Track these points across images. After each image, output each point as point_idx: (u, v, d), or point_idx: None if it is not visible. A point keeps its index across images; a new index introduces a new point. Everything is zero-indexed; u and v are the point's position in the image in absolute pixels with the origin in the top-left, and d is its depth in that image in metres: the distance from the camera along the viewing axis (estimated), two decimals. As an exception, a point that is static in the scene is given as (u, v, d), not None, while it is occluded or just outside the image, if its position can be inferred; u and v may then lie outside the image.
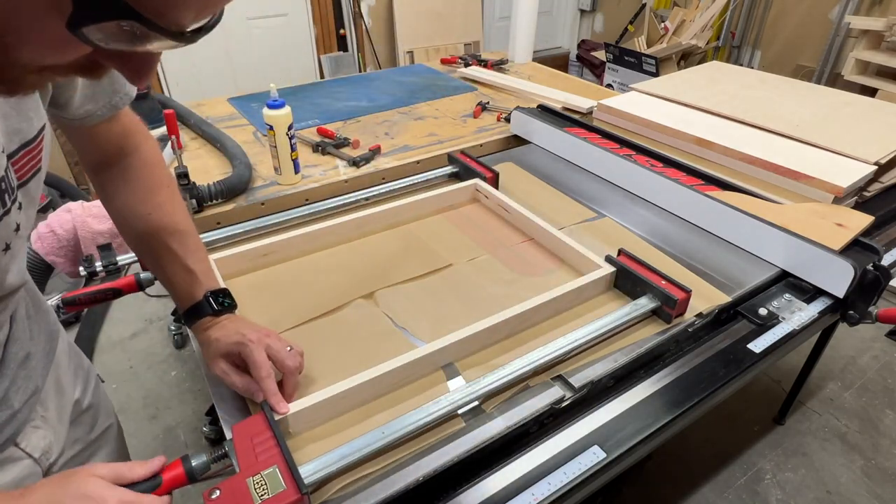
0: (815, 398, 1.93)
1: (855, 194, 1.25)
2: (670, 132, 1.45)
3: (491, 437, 0.74)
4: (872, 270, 0.99)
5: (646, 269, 0.96)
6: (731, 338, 0.95)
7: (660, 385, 0.86)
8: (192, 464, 0.63)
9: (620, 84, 3.87)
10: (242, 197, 1.30)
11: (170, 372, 2.09)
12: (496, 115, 1.76)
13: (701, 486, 1.64)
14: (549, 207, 1.25)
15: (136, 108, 0.77)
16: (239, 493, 0.61)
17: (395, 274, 1.04)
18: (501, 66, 2.20)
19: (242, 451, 0.65)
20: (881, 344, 2.16)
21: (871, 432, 1.80)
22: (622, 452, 0.76)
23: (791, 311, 1.00)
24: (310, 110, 1.79)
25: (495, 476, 0.73)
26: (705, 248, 1.14)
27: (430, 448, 0.73)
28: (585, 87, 2.06)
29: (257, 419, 0.69)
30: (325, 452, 0.69)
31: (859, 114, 1.47)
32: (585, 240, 1.11)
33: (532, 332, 0.91)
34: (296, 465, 0.63)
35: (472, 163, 1.35)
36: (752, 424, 1.84)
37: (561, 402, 0.79)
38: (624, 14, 4.42)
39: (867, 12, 3.08)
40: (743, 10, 3.68)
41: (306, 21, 3.51)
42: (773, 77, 1.75)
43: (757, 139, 1.37)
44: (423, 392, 0.80)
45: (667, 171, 1.31)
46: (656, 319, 0.94)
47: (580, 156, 1.45)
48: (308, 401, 0.73)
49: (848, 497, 1.61)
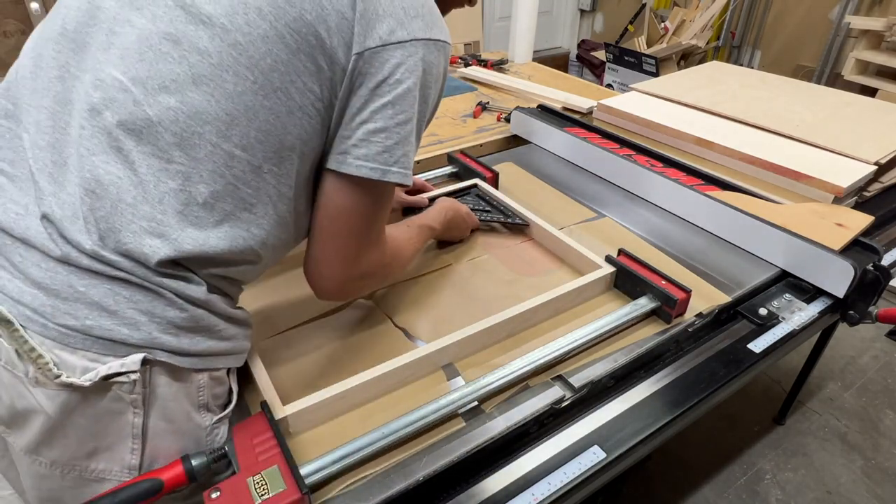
0: (815, 398, 1.93)
1: (855, 194, 1.25)
2: (670, 132, 1.45)
3: (491, 437, 0.74)
4: (872, 270, 0.99)
5: (646, 269, 0.96)
6: (731, 338, 0.95)
7: (660, 385, 0.86)
8: (193, 463, 0.63)
9: (620, 84, 3.87)
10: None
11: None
12: (496, 115, 1.76)
13: (701, 486, 1.64)
14: (549, 207, 1.25)
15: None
16: (239, 492, 0.61)
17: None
18: (501, 66, 2.20)
19: (243, 450, 0.65)
20: (881, 344, 2.15)
21: (871, 432, 1.80)
22: (622, 452, 0.76)
23: (791, 311, 1.00)
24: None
25: (495, 476, 0.73)
26: (705, 248, 1.14)
27: (429, 448, 0.73)
28: (585, 87, 2.06)
29: (257, 419, 0.69)
30: (326, 452, 0.69)
31: (859, 114, 1.47)
32: (585, 240, 1.11)
33: (532, 332, 0.91)
34: (296, 465, 0.63)
35: (472, 163, 1.35)
36: (752, 424, 1.84)
37: (561, 402, 0.79)
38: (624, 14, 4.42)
39: (867, 12, 3.08)
40: (743, 10, 3.67)
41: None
42: (773, 77, 1.75)
43: (757, 139, 1.37)
44: (423, 392, 0.80)
45: (667, 171, 1.31)
46: (656, 319, 0.94)
47: (580, 156, 1.45)
48: (308, 401, 0.73)
49: (848, 497, 1.61)
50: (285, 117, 0.60)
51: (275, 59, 0.58)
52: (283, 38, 0.58)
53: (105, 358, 0.57)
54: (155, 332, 0.58)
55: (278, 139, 0.61)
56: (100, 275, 0.56)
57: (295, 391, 0.78)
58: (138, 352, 0.58)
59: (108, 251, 0.56)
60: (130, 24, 0.58)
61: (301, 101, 0.61)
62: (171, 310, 0.59)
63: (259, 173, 0.61)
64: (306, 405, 0.72)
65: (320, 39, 0.59)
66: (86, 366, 0.56)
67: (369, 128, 0.63)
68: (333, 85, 0.62)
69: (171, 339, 0.59)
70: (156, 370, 0.60)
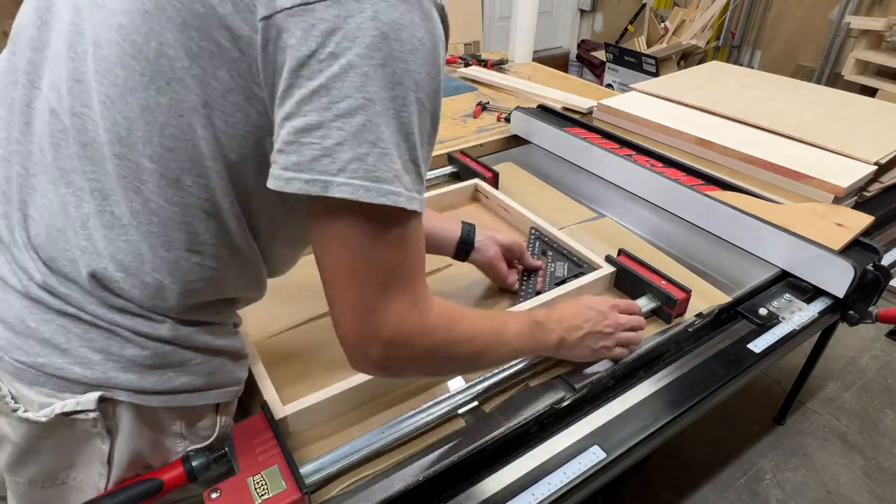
0: (815, 398, 1.93)
1: (855, 194, 1.25)
2: (670, 132, 1.45)
3: (491, 437, 0.74)
4: (872, 270, 0.99)
5: (646, 269, 0.96)
6: (731, 338, 0.95)
7: (660, 385, 0.86)
8: (193, 463, 0.63)
9: (620, 84, 3.87)
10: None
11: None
12: (496, 115, 1.75)
13: (701, 486, 1.64)
14: (549, 207, 1.25)
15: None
16: (239, 492, 0.61)
17: (395, 274, 1.04)
18: (501, 66, 2.20)
19: (243, 450, 0.65)
20: (881, 344, 2.15)
21: (871, 432, 1.80)
22: (622, 452, 0.76)
23: (791, 311, 1.00)
24: (310, 110, 1.78)
25: (495, 476, 0.73)
26: (705, 248, 1.14)
27: (430, 448, 0.73)
28: (585, 87, 2.06)
29: (257, 419, 0.69)
30: (326, 452, 0.69)
31: (859, 114, 1.47)
32: (585, 240, 1.11)
33: (532, 332, 0.91)
34: (296, 465, 0.63)
35: (472, 163, 1.35)
36: (752, 424, 1.84)
37: (561, 402, 0.79)
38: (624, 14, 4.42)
39: (867, 12, 3.08)
40: (743, 11, 3.67)
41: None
42: (773, 77, 1.75)
43: (757, 139, 1.37)
44: (423, 392, 0.80)
45: (667, 171, 1.31)
46: (656, 319, 0.94)
47: (580, 156, 1.45)
48: (308, 401, 0.73)
49: (848, 497, 1.61)
50: (190, 116, 0.47)
51: (160, 42, 0.45)
52: (165, 11, 0.45)
53: (61, 394, 0.52)
54: (112, 371, 0.53)
55: (191, 145, 0.48)
56: (51, 309, 0.52)
57: (295, 391, 0.78)
58: (94, 390, 0.52)
59: (56, 281, 0.52)
60: (59, 22, 0.52)
61: (206, 95, 0.47)
62: (130, 347, 0.53)
63: (181, 188, 0.50)
64: (306, 405, 0.72)
65: (209, 5, 0.44)
66: (42, 401, 0.52)
67: (296, 125, 0.45)
68: (248, 68, 0.46)
69: (133, 377, 0.54)
70: (120, 407, 0.55)
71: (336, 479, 0.68)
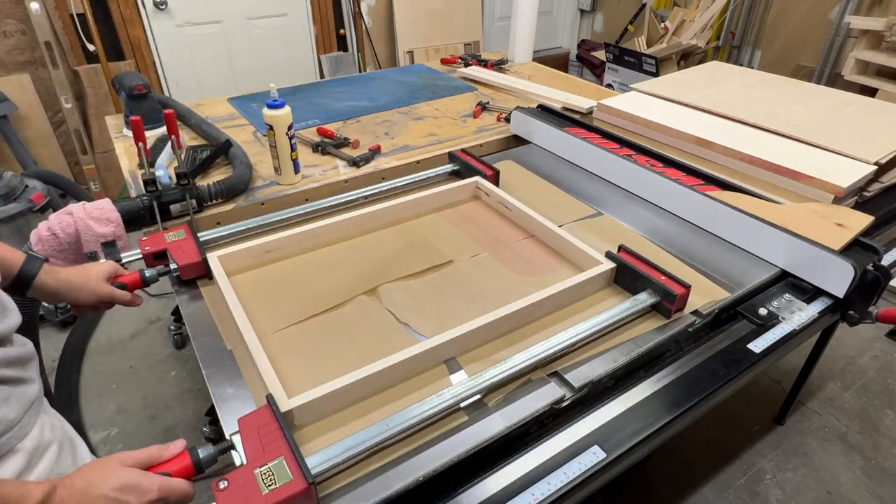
0: (815, 398, 1.93)
1: (855, 194, 1.25)
2: (670, 132, 1.45)
3: (492, 437, 0.74)
4: (872, 270, 0.99)
5: (646, 265, 0.96)
6: (731, 338, 0.95)
7: (660, 385, 0.86)
8: (200, 455, 0.64)
9: (620, 84, 3.87)
10: (242, 197, 1.30)
11: (170, 372, 2.08)
12: (496, 115, 1.75)
13: (701, 486, 1.64)
14: (549, 205, 1.25)
15: (137, 108, 0.76)
16: (247, 483, 0.62)
17: (396, 270, 1.04)
18: (501, 66, 2.20)
19: (249, 442, 0.66)
20: (881, 344, 2.15)
21: (871, 432, 1.80)
22: (622, 452, 0.76)
23: (791, 311, 1.00)
24: (310, 110, 1.79)
25: (495, 476, 0.73)
26: (705, 247, 1.14)
27: (433, 441, 0.73)
28: (585, 87, 2.06)
29: (263, 412, 0.70)
30: (331, 444, 0.69)
31: (859, 114, 1.47)
32: (585, 237, 1.11)
33: (533, 327, 0.91)
34: (302, 456, 0.64)
35: (473, 160, 1.35)
36: (752, 424, 1.84)
37: (561, 402, 0.79)
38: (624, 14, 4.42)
39: (867, 12, 3.08)
40: (743, 10, 3.67)
41: (306, 21, 3.50)
42: (773, 77, 1.75)
43: (757, 139, 1.37)
44: (425, 386, 0.80)
45: (667, 171, 1.31)
46: (656, 314, 0.94)
47: (580, 156, 1.45)
48: (313, 394, 0.73)
49: (848, 497, 1.61)
50: None
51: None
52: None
53: None
54: None
55: None
56: None
57: (300, 384, 0.79)
58: None
59: None
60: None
61: None
62: None
63: None
64: (311, 398, 0.73)
65: None
66: None
67: None
68: None
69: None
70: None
71: (341, 471, 0.69)
